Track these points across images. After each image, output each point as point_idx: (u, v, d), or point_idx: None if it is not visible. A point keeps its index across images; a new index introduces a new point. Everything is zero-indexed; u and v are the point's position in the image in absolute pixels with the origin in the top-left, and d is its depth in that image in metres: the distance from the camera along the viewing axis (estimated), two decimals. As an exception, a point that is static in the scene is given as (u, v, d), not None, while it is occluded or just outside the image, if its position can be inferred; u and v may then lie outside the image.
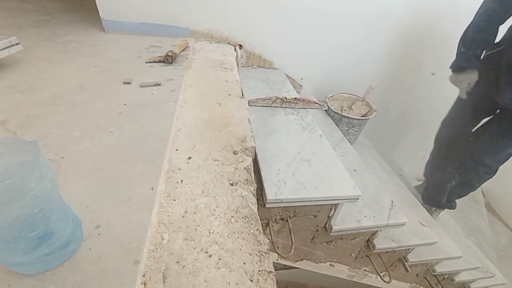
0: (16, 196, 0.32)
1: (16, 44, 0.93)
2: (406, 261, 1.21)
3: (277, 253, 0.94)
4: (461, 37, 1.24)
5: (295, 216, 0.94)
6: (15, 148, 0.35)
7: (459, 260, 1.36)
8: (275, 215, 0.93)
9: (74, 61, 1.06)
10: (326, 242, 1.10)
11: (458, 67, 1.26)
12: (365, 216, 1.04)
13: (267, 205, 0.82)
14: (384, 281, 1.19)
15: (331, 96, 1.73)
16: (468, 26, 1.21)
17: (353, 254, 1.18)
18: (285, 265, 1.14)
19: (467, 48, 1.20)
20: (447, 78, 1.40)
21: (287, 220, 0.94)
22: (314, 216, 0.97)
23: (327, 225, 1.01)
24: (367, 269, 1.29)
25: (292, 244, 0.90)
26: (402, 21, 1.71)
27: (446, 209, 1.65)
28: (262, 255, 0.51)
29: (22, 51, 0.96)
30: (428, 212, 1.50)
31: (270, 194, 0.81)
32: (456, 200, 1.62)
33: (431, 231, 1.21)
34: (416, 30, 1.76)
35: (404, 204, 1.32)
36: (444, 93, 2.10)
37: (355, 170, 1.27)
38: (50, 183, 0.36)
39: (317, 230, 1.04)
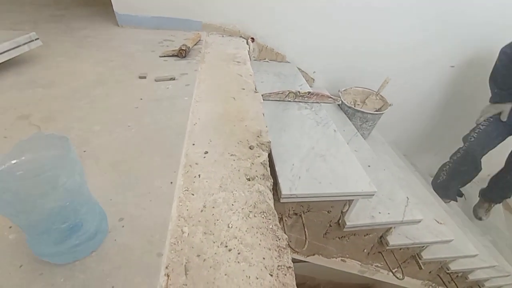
0: (50, 189, 0.33)
1: (36, 40, 0.95)
2: (420, 259, 1.20)
3: (290, 247, 0.95)
4: (492, 77, 1.54)
5: (308, 211, 0.94)
6: (47, 143, 0.36)
7: (474, 259, 1.34)
8: (289, 210, 0.93)
9: (91, 56, 1.08)
10: (339, 238, 1.10)
11: (495, 101, 1.61)
12: (379, 213, 1.03)
13: (281, 200, 0.82)
14: (397, 278, 1.19)
15: (344, 90, 1.70)
16: (497, 66, 1.46)
17: (365, 250, 1.18)
18: (293, 258, 1.15)
19: (500, 89, 1.54)
20: (466, 71, 1.39)
21: (300, 215, 0.94)
22: (328, 212, 0.97)
23: (340, 221, 1.01)
24: (379, 265, 1.29)
25: (306, 239, 0.90)
26: (419, 10, 1.64)
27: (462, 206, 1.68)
28: (281, 250, 0.51)
29: (40, 46, 0.98)
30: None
31: (285, 189, 0.81)
32: (472, 199, 1.62)
33: (447, 228, 1.19)
34: (434, 20, 1.69)
35: (419, 200, 1.29)
36: (462, 87, 2.03)
37: (369, 166, 1.26)
38: (79, 177, 0.37)
39: (330, 226, 1.04)
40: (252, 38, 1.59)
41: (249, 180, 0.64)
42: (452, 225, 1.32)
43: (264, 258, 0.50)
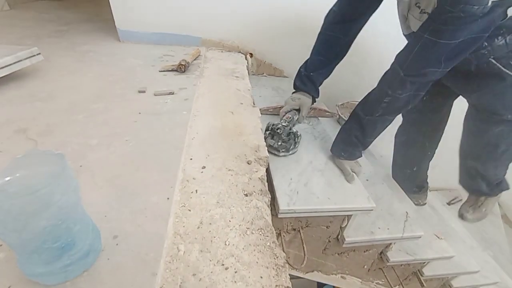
0: (44, 207, 0.32)
1: (37, 54, 0.96)
2: (421, 275, 1.17)
3: (288, 263, 0.92)
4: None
5: (307, 226, 0.93)
6: (42, 159, 0.35)
7: (477, 275, 1.31)
8: (287, 225, 0.91)
9: (91, 70, 1.09)
10: (338, 254, 1.08)
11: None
12: (378, 228, 1.01)
13: (279, 216, 0.81)
14: (398, 296, 1.15)
15: (341, 104, 1.72)
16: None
17: (365, 266, 1.15)
18: (291, 275, 1.12)
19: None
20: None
21: (299, 230, 0.93)
22: (327, 227, 0.95)
23: (339, 236, 0.99)
24: (380, 282, 1.25)
25: (304, 255, 0.89)
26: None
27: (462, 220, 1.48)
28: (279, 268, 0.50)
29: (42, 60, 1.00)
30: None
31: (283, 204, 0.80)
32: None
33: (447, 244, 1.17)
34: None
35: (418, 215, 1.28)
36: (462, 103, 2.06)
37: (367, 180, 1.25)
38: (74, 194, 0.37)
39: (329, 241, 1.02)
40: (251, 54, 1.62)
41: (247, 195, 0.64)
42: (453, 240, 1.30)
43: (261, 277, 0.48)
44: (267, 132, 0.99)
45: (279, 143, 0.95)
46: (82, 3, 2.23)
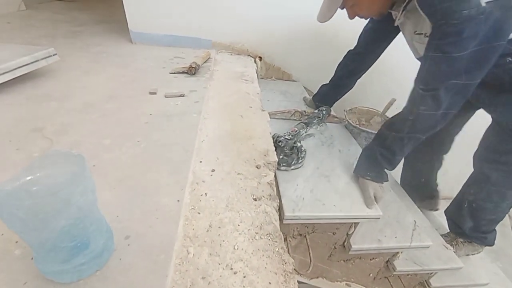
0: (63, 207, 0.33)
1: (54, 55, 0.99)
2: (429, 286, 1.15)
3: (294, 270, 0.92)
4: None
5: (313, 232, 0.93)
6: (63, 160, 0.37)
7: (485, 287, 1.28)
8: (293, 231, 0.91)
9: (104, 71, 1.12)
10: (344, 261, 1.07)
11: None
12: (385, 236, 1.00)
13: (284, 222, 0.81)
14: (404, 305, 1.14)
15: (349, 110, 1.71)
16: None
17: (371, 275, 1.14)
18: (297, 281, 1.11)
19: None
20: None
21: (305, 236, 0.92)
22: (333, 233, 0.95)
23: (345, 243, 0.99)
24: (386, 291, 1.23)
25: (310, 261, 0.88)
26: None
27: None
28: (287, 275, 0.50)
29: (58, 60, 1.02)
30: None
31: (288, 210, 0.80)
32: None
33: (456, 255, 1.15)
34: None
35: (426, 224, 1.26)
36: (478, 115, 2.03)
37: (374, 187, 1.24)
38: (92, 195, 0.38)
39: (335, 248, 1.01)
40: (260, 57, 1.63)
41: (256, 200, 0.64)
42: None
43: (270, 283, 0.49)
44: None
45: (281, 157, 0.92)
46: (96, 4, 2.28)
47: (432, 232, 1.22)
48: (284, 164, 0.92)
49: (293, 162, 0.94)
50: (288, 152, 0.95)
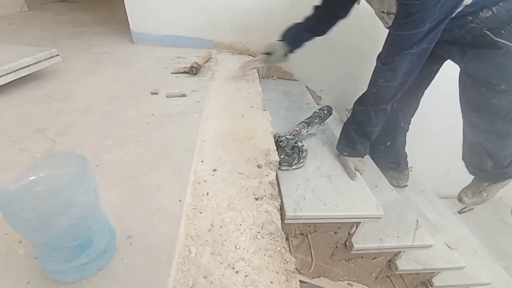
0: (66, 207, 0.34)
1: (56, 56, 0.99)
2: (431, 285, 1.15)
3: (296, 269, 0.92)
4: None
5: (315, 231, 0.93)
6: (65, 160, 0.37)
7: (488, 287, 1.28)
8: (295, 230, 0.91)
9: (106, 71, 1.12)
10: (346, 260, 1.07)
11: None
12: (387, 236, 1.00)
13: (285, 221, 0.81)
14: (406, 305, 1.13)
15: (350, 109, 1.71)
16: None
17: (373, 274, 1.14)
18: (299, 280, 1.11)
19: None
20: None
21: (307, 235, 0.92)
22: (335, 233, 0.95)
23: (347, 243, 0.98)
24: (388, 290, 1.23)
25: (312, 260, 0.88)
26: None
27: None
28: (289, 274, 0.50)
29: (60, 61, 1.03)
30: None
31: (289, 210, 0.80)
32: (484, 222, 1.45)
33: (458, 254, 1.14)
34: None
35: (429, 223, 1.26)
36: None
37: (376, 186, 1.24)
38: (94, 195, 0.38)
39: (336, 247, 1.01)
40: (261, 57, 1.63)
41: (257, 199, 0.64)
42: (464, 250, 1.27)
43: (272, 283, 0.49)
44: None
45: (282, 157, 0.91)
46: (98, 5, 2.29)
47: (434, 231, 1.21)
48: (285, 164, 0.93)
49: (294, 162, 0.94)
50: (289, 152, 0.95)
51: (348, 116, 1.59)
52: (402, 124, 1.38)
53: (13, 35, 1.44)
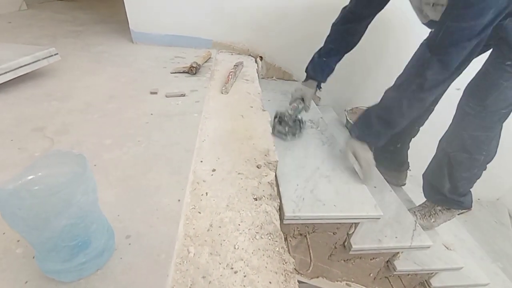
0: (64, 207, 0.33)
1: (55, 55, 0.99)
2: (429, 286, 1.15)
3: (295, 269, 0.92)
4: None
5: (314, 232, 0.93)
6: (64, 160, 0.37)
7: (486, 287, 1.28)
8: (294, 230, 0.91)
9: (105, 71, 1.12)
10: (344, 260, 1.07)
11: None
12: (386, 236, 1.00)
13: (284, 222, 0.81)
14: (404, 306, 1.14)
15: (350, 110, 1.71)
16: None
17: (371, 275, 1.14)
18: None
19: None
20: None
21: (305, 236, 0.92)
22: (333, 233, 0.95)
23: (346, 243, 0.99)
24: (386, 291, 1.24)
25: (310, 260, 0.88)
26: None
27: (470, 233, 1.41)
28: (288, 274, 0.50)
29: (59, 60, 1.02)
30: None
31: (288, 211, 0.80)
32: (481, 223, 1.46)
33: (457, 255, 1.15)
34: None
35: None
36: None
37: (375, 187, 1.24)
38: (92, 194, 0.38)
39: (335, 248, 1.01)
40: (261, 57, 1.63)
41: (256, 199, 0.64)
42: (462, 251, 1.28)
43: (270, 283, 0.49)
44: (276, 120, 1.08)
45: (286, 129, 1.07)
46: (97, 4, 2.28)
47: (433, 232, 1.22)
48: (290, 134, 1.08)
49: (296, 132, 1.10)
50: (292, 125, 1.09)
51: (348, 118, 1.60)
52: (417, 128, 1.36)
53: (12, 34, 1.43)
